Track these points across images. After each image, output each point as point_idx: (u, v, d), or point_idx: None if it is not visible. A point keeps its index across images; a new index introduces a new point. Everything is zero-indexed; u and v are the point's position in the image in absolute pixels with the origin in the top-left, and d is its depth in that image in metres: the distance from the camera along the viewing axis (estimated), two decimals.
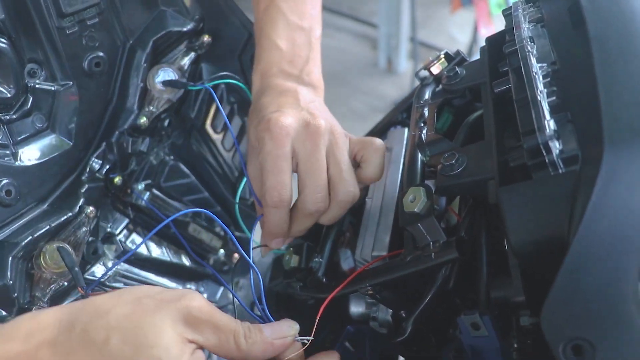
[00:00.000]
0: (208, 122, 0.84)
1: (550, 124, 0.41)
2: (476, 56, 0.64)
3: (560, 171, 0.41)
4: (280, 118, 0.59)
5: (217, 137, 0.86)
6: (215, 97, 0.72)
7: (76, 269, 0.55)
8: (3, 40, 0.55)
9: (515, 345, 0.52)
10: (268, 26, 0.68)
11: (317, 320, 0.52)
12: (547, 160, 0.42)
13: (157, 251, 0.78)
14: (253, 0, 0.73)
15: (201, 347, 0.44)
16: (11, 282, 0.54)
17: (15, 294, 0.54)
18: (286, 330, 0.48)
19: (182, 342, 0.42)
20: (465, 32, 3.15)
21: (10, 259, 0.54)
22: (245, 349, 0.45)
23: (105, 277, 0.67)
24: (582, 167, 0.40)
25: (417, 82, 0.67)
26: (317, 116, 0.61)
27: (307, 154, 0.59)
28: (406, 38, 3.03)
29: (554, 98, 0.44)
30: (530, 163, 0.43)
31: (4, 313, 0.54)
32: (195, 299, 0.44)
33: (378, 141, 0.62)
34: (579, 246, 0.37)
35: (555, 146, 0.41)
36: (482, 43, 0.61)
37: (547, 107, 0.43)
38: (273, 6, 0.69)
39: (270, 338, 0.47)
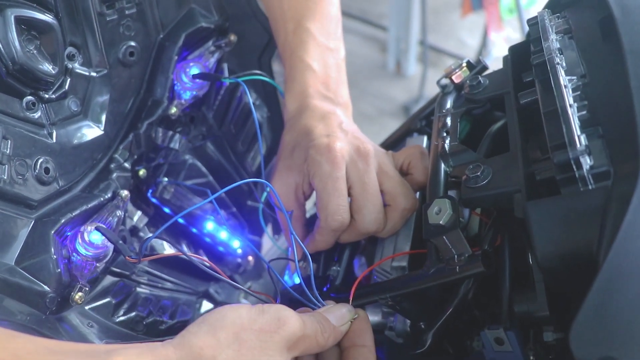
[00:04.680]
0: (226, 123, 0.84)
1: (581, 139, 0.41)
2: (486, 60, 0.64)
3: (590, 187, 0.41)
4: (336, 142, 0.61)
5: (233, 139, 0.86)
6: (247, 90, 0.72)
7: (120, 242, 0.55)
8: (52, 16, 0.56)
9: (532, 358, 0.51)
10: (300, 48, 0.70)
11: None
12: (577, 176, 0.41)
13: (176, 249, 0.78)
14: (276, 22, 0.74)
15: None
16: (55, 256, 0.53)
17: (59, 269, 0.54)
18: (347, 315, 0.51)
19: None
20: (475, 37, 3.14)
21: (52, 234, 0.54)
22: (324, 344, 0.48)
23: (150, 241, 0.66)
24: (614, 183, 0.40)
25: (426, 86, 0.67)
26: (363, 141, 0.63)
27: (360, 176, 0.60)
28: (416, 41, 3.02)
29: (584, 112, 0.44)
30: (559, 178, 0.42)
31: (46, 288, 0.52)
32: (291, 321, 0.45)
33: (420, 147, 0.65)
34: (612, 264, 0.36)
35: (586, 161, 0.41)
36: (492, 47, 0.62)
37: (578, 122, 0.43)
38: (302, 28, 0.70)
39: (338, 325, 0.50)
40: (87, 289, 0.57)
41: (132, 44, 0.65)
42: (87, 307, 0.60)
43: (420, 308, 0.54)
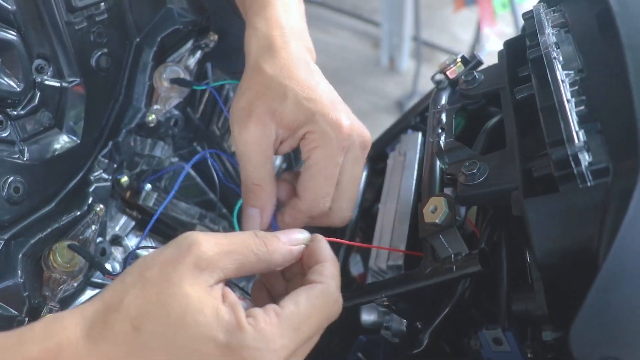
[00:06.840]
0: (213, 123, 0.83)
1: (580, 135, 0.40)
2: (480, 55, 0.63)
3: (589, 184, 0.40)
4: (346, 120, 0.52)
5: (221, 139, 0.85)
6: (218, 97, 0.71)
7: (96, 259, 0.54)
8: (13, 33, 0.54)
9: (530, 356, 0.51)
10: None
11: None
12: (575, 172, 0.40)
13: None
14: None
15: (225, 281, 0.42)
16: (22, 280, 0.53)
17: (26, 293, 0.53)
18: (300, 237, 0.47)
19: (208, 292, 0.39)
20: (468, 31, 3.14)
21: (20, 256, 0.53)
22: (267, 258, 0.43)
23: (133, 253, 0.65)
24: (613, 180, 0.39)
25: (420, 81, 0.66)
26: (363, 127, 0.55)
27: (352, 169, 0.54)
28: (409, 37, 3.01)
29: (582, 107, 0.43)
30: (558, 174, 0.41)
31: (14, 312, 0.52)
32: (199, 243, 0.40)
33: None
34: (613, 262, 0.36)
35: (585, 158, 0.40)
36: (486, 42, 0.60)
37: (576, 117, 0.42)
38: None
39: (288, 244, 0.45)
40: (57, 309, 0.56)
41: (105, 50, 0.63)
42: None
43: (417, 308, 0.53)
